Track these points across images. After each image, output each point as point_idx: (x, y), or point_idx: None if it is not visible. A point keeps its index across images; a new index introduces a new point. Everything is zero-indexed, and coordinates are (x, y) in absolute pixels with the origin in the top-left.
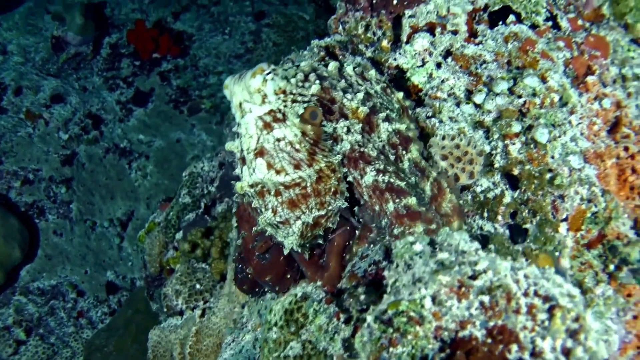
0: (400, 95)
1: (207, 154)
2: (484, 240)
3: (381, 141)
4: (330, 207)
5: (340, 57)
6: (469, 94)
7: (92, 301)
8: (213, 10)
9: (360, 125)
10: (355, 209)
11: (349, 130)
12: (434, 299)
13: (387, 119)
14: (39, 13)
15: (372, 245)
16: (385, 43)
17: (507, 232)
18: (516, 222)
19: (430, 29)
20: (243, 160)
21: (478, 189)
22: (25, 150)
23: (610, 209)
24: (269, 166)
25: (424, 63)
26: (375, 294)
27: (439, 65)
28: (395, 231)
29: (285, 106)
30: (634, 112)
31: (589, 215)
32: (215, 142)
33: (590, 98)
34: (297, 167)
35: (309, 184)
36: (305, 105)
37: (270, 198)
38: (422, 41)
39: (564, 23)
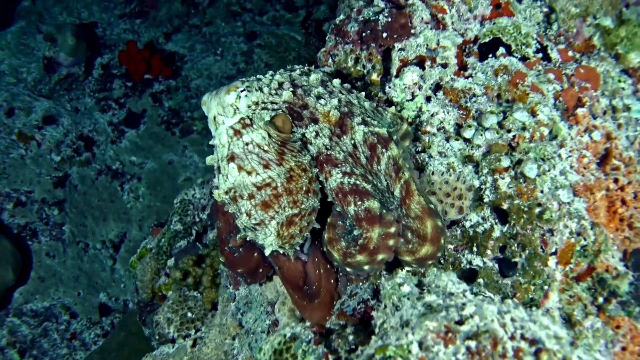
0: (392, 109)
1: (199, 176)
2: (473, 275)
3: (353, 143)
4: (303, 206)
5: None
6: (459, 128)
7: (85, 323)
8: (205, 31)
9: (330, 128)
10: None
11: (317, 135)
12: (420, 344)
13: (364, 122)
14: (31, 33)
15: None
16: (375, 76)
17: (496, 266)
18: (505, 256)
19: (420, 62)
20: (219, 169)
21: (467, 224)
22: (18, 172)
23: (600, 242)
24: (240, 168)
25: (413, 97)
26: (363, 333)
27: (428, 99)
28: (355, 232)
29: (253, 113)
30: (624, 143)
31: (578, 248)
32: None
33: (580, 130)
34: (266, 166)
35: (279, 184)
36: (274, 113)
37: (244, 202)
38: (411, 75)
39: (554, 54)
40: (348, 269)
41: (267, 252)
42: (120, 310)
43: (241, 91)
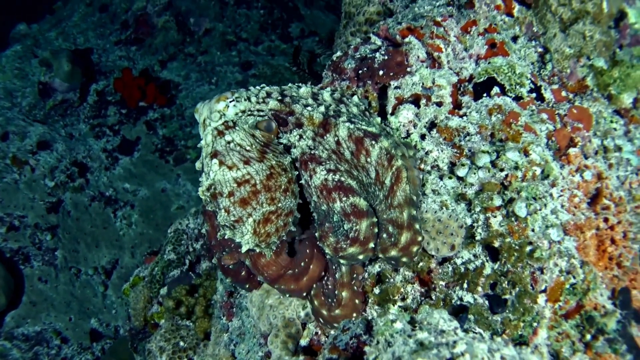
0: (378, 119)
1: (192, 205)
2: (463, 311)
3: (336, 140)
4: (280, 204)
5: None
6: (452, 166)
7: (75, 348)
8: (200, 60)
9: (314, 130)
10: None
11: (300, 137)
12: None
13: (350, 121)
14: (26, 57)
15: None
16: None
17: (487, 302)
18: (496, 293)
19: (416, 100)
20: (203, 168)
21: (459, 261)
22: (11, 196)
23: (589, 280)
24: (221, 163)
25: (408, 134)
26: None
27: (423, 137)
28: (345, 227)
29: (239, 119)
30: (615, 183)
31: (567, 286)
32: None
33: (572, 170)
34: (247, 162)
35: (258, 180)
36: (259, 119)
37: (223, 199)
38: (407, 113)
39: (547, 94)
40: (342, 261)
41: (243, 249)
42: (111, 336)
43: (230, 101)
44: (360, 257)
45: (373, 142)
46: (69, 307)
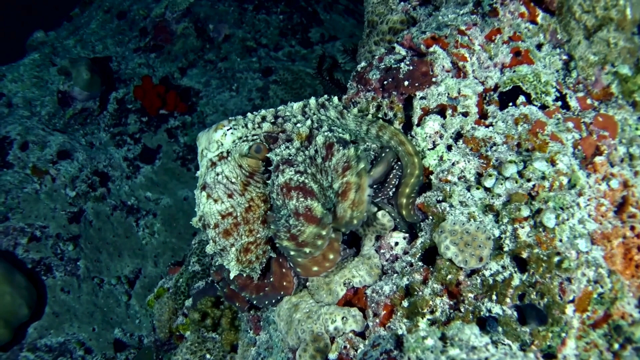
0: (355, 110)
1: None
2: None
3: (315, 149)
4: (258, 235)
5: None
6: (479, 177)
7: (99, 358)
8: (220, 66)
9: (300, 142)
10: None
11: (287, 147)
12: None
13: (329, 129)
14: (45, 65)
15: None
16: (396, 125)
17: (515, 314)
18: (536, 307)
19: (441, 110)
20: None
21: (487, 273)
22: (32, 206)
23: (616, 289)
24: (208, 196)
25: (434, 146)
26: None
27: (449, 148)
28: (291, 221)
29: (234, 147)
30: None
31: (595, 296)
32: None
33: (598, 179)
34: (230, 196)
35: (239, 213)
36: (252, 143)
37: (210, 230)
38: (432, 124)
39: (573, 102)
40: (277, 242)
41: (231, 275)
42: (135, 346)
43: (227, 129)
44: (292, 253)
45: (340, 147)
46: (92, 318)
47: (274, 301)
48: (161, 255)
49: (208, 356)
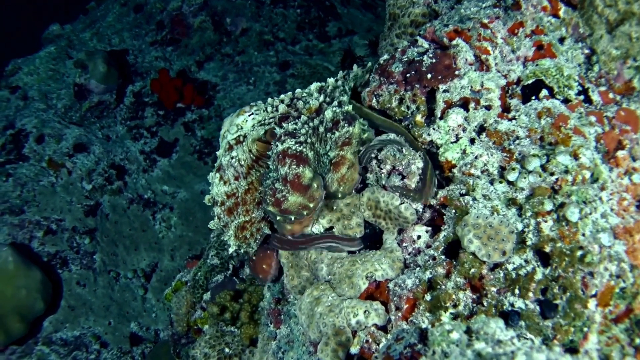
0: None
1: None
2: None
3: (320, 120)
4: (253, 215)
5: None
6: (502, 170)
7: (115, 352)
8: (237, 60)
9: (308, 116)
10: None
11: (294, 124)
12: None
13: (339, 104)
14: (61, 58)
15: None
16: (419, 118)
17: (538, 308)
18: (547, 299)
19: (464, 104)
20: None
21: (510, 267)
22: (48, 199)
23: (638, 284)
24: (220, 178)
25: (457, 139)
26: None
27: (472, 141)
28: (277, 185)
29: (252, 130)
30: None
31: (617, 290)
32: None
33: (620, 173)
34: (236, 178)
35: (240, 194)
36: (267, 127)
37: (217, 208)
38: (455, 117)
39: (595, 97)
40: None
41: (230, 250)
42: (151, 340)
43: (249, 115)
44: (277, 218)
45: (346, 124)
46: (108, 311)
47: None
48: (178, 248)
49: (227, 350)
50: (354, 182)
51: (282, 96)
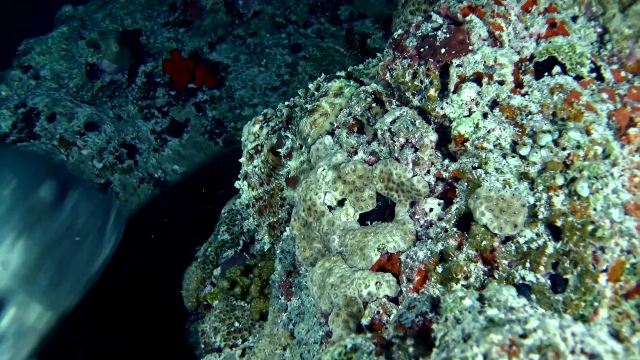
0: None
1: None
2: (526, 290)
3: (313, 92)
4: (279, 216)
5: (387, 103)
6: (514, 145)
7: None
8: (249, 42)
9: (305, 99)
10: None
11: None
12: (485, 356)
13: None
14: (73, 39)
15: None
16: (432, 92)
17: (549, 282)
18: (557, 273)
19: (478, 78)
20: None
21: (521, 240)
22: None
23: None
24: (249, 185)
25: (470, 113)
26: (422, 346)
27: (485, 116)
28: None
29: (266, 140)
30: None
31: (628, 266)
32: None
33: (632, 150)
34: (261, 184)
35: (266, 198)
36: (277, 135)
37: (249, 210)
38: (469, 91)
39: (607, 74)
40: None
41: (265, 247)
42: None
43: (263, 122)
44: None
45: (325, 81)
46: None
47: None
48: None
49: (237, 324)
50: (323, 129)
51: (287, 102)
